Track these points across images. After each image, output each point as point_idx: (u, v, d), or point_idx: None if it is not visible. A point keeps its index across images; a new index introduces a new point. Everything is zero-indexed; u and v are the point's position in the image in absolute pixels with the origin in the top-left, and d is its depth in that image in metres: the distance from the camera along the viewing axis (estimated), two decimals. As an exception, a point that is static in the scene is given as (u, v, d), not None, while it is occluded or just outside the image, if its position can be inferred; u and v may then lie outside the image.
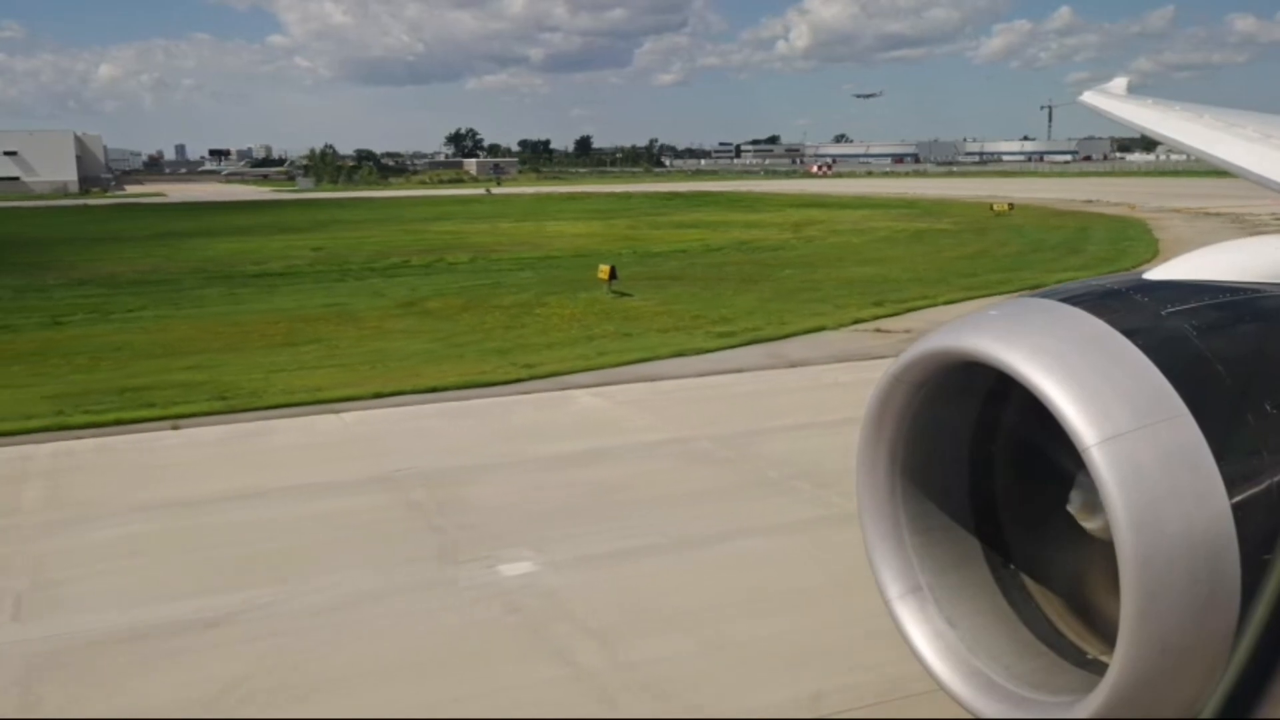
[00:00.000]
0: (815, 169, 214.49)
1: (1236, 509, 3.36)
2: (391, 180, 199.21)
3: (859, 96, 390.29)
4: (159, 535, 12.74)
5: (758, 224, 67.93)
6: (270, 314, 31.76)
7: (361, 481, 14.54)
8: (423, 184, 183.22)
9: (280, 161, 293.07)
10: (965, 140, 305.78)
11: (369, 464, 15.37)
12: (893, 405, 4.13)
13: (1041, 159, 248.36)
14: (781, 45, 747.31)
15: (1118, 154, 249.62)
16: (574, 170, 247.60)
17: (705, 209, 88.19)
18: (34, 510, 13.86)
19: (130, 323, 31.03)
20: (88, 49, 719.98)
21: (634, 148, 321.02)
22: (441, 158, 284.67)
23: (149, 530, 12.91)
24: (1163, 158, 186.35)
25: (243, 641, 9.78)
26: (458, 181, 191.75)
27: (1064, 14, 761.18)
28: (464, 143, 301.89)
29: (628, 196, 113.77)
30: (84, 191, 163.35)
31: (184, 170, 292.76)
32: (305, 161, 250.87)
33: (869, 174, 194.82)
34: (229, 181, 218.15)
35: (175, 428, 17.42)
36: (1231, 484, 3.37)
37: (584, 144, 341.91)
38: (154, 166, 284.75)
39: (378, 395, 19.37)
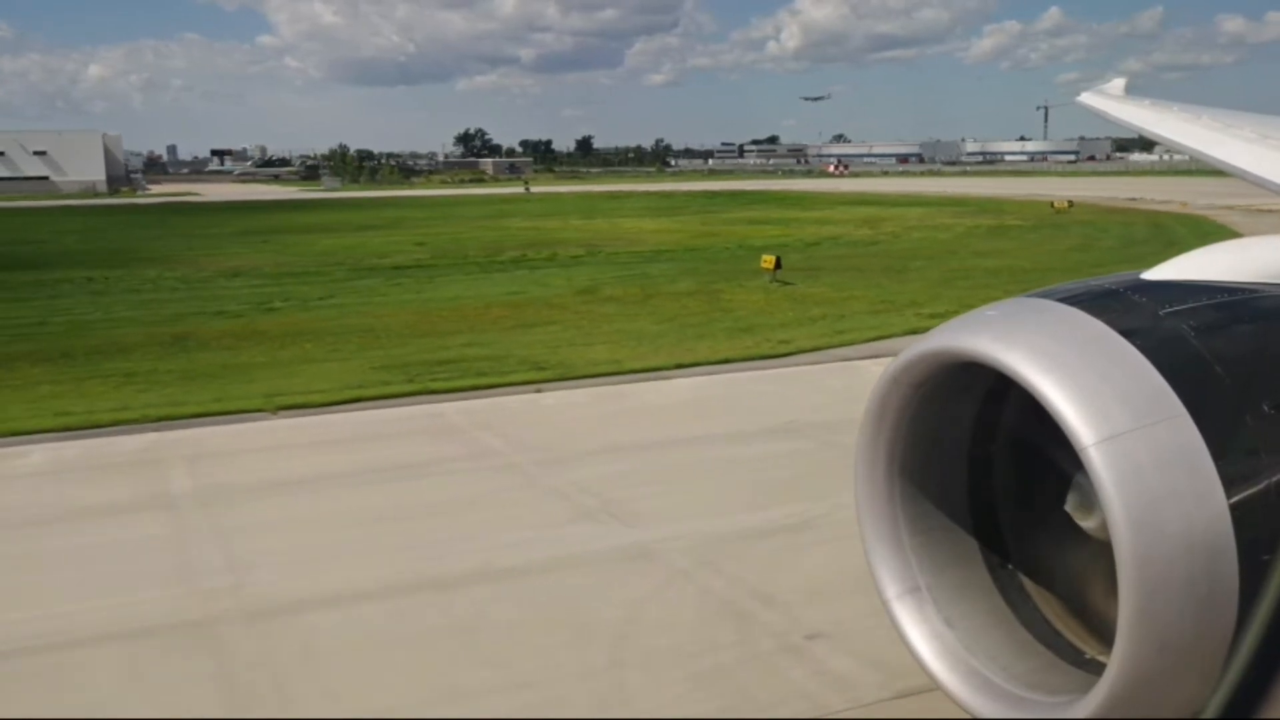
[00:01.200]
0: (831, 168, 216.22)
1: (1235, 509, 3.36)
2: (414, 180, 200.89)
3: (806, 99, 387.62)
4: (660, 468, 13.94)
5: (827, 220, 69.57)
6: (463, 300, 33.52)
7: (774, 429, 15.69)
8: (445, 183, 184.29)
9: (284, 162, 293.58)
10: (963, 140, 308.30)
11: (762, 418, 16.43)
12: (891, 405, 4.14)
13: (1045, 159, 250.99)
14: (772, 46, 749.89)
15: (1118, 154, 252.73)
16: (586, 170, 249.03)
17: (758, 207, 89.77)
18: (515, 452, 14.99)
19: (340, 309, 32.87)
20: (77, 49, 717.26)
21: (639, 148, 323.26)
22: (441, 158, 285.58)
23: (641, 465, 14.12)
24: (1165, 158, 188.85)
25: (833, 540, 10.86)
26: (479, 181, 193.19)
27: (1053, 15, 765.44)
28: (472, 142, 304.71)
29: (669, 196, 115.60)
30: (113, 191, 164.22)
31: (186, 170, 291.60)
32: (311, 161, 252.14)
33: (884, 174, 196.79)
34: (244, 181, 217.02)
35: (539, 390, 18.71)
36: (1230, 484, 3.37)
37: (585, 144, 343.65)
38: (154, 166, 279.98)
39: (680, 366, 20.61)
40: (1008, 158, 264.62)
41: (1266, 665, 1.66)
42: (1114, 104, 10.87)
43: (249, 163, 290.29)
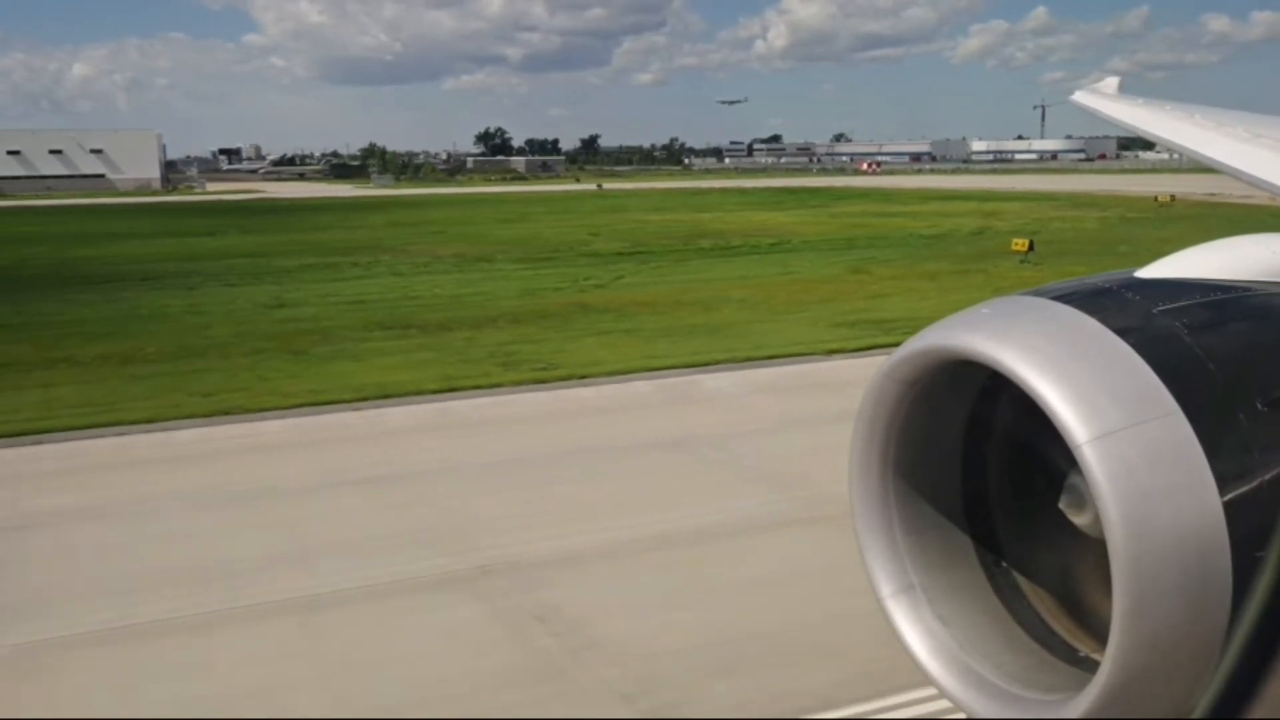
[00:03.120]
0: (865, 166, 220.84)
1: (1228, 507, 3.33)
2: (458, 177, 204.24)
3: (723, 103, 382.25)
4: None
5: (944, 213, 73.60)
6: (757, 279, 38.06)
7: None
8: (488, 181, 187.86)
9: (293, 160, 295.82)
10: (963, 139, 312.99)
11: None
12: (885, 403, 4.08)
13: (1054, 157, 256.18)
14: (760, 45, 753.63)
15: (1124, 153, 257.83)
16: (612, 169, 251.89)
17: (851, 201, 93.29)
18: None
19: (642, 286, 37.27)
20: (60, 48, 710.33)
21: (654, 146, 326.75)
22: (444, 157, 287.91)
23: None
24: (1174, 156, 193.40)
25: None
26: (521, 179, 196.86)
27: (1040, 14, 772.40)
28: (492, 141, 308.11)
29: (745, 192, 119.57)
30: (170, 188, 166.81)
31: (193, 169, 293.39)
32: (337, 160, 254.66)
33: (918, 171, 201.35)
34: (274, 180, 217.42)
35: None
36: (1223, 482, 3.34)
37: (590, 143, 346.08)
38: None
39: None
40: (1017, 156, 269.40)
41: (1258, 663, 1.62)
42: (1108, 103, 10.75)
43: (266, 160, 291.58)
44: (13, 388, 25.06)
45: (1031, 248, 37.38)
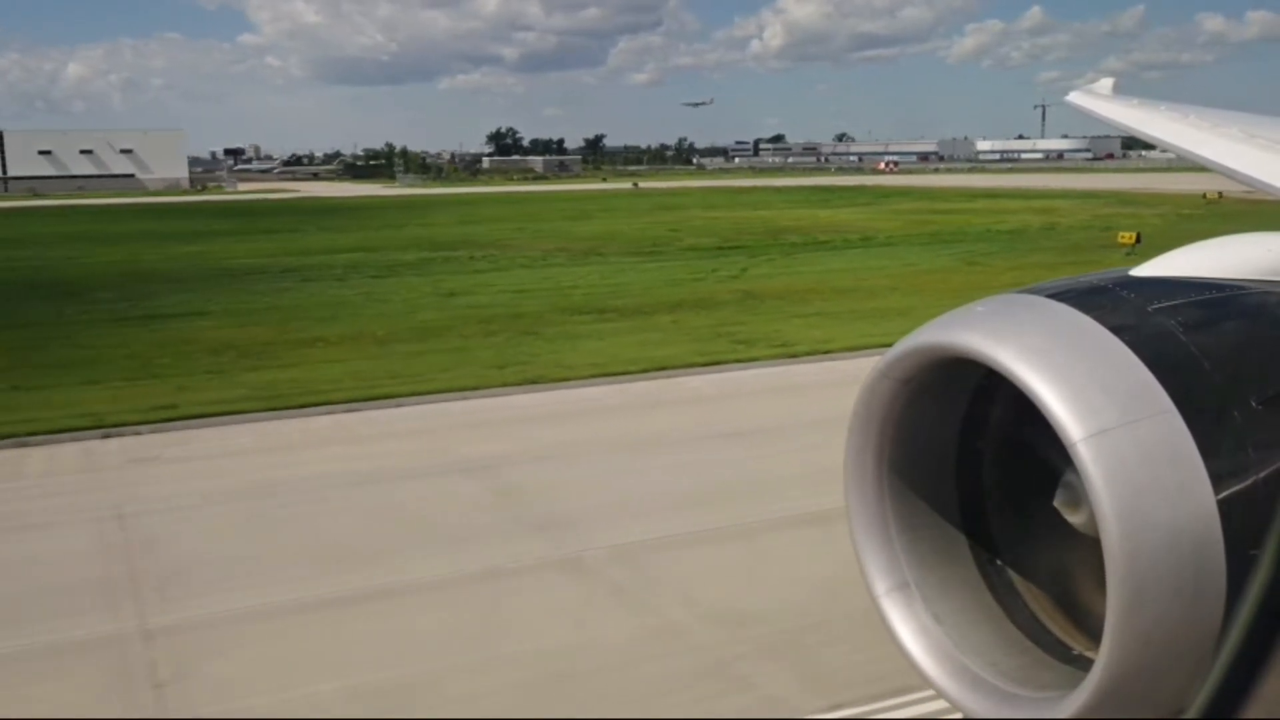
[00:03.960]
0: (882, 166, 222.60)
1: (1222, 504, 3.32)
2: (479, 177, 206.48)
3: (687, 105, 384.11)
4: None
5: (1001, 210, 75.62)
6: (879, 270, 40.38)
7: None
8: (509, 180, 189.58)
9: (300, 160, 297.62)
10: (964, 138, 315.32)
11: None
12: (880, 401, 4.08)
13: (1060, 157, 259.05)
14: (756, 45, 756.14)
15: (1128, 152, 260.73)
16: (623, 168, 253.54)
17: (899, 199, 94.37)
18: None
19: (784, 272, 39.53)
20: (55, 48, 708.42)
21: (663, 146, 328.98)
22: (447, 157, 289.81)
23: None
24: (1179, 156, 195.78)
25: None
26: (542, 179, 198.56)
27: (1035, 14, 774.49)
28: (503, 140, 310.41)
29: (785, 191, 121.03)
30: (199, 188, 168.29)
31: (200, 169, 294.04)
32: (353, 159, 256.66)
33: (935, 171, 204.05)
34: (290, 179, 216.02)
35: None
36: (1217, 480, 3.34)
37: (595, 143, 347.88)
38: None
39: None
40: (1024, 156, 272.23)
41: (1253, 662, 1.62)
42: (1102, 103, 10.81)
43: (278, 161, 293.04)
44: (300, 363, 26.07)
45: (1139, 240, 39.88)
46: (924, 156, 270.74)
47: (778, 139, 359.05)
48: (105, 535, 15.31)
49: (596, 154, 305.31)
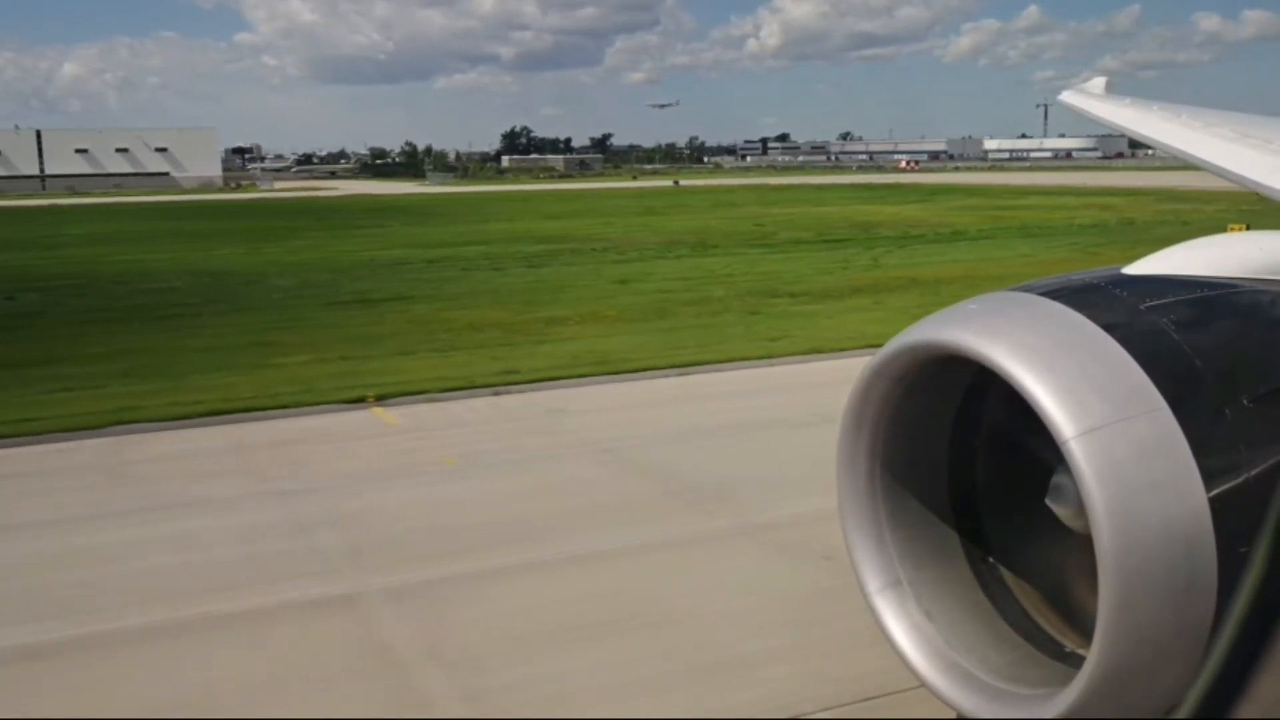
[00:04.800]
0: (904, 164, 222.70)
1: (1214, 502, 3.33)
2: (505, 175, 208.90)
3: (654, 106, 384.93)
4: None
5: (1060, 207, 76.34)
6: (993, 259, 41.83)
7: None
8: (536, 179, 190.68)
9: (309, 159, 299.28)
10: (968, 137, 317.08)
11: None
12: (873, 399, 4.07)
13: (1070, 155, 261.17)
14: (752, 44, 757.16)
15: (1136, 151, 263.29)
16: (639, 167, 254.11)
17: (948, 197, 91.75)
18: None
19: (922, 262, 41.49)
20: (51, 47, 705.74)
21: (673, 145, 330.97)
22: (452, 156, 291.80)
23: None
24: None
25: None
26: (567, 177, 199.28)
27: (1031, 13, 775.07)
28: (518, 140, 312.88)
29: (821, 188, 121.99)
30: (233, 186, 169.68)
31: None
32: (372, 158, 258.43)
33: (955, 169, 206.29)
34: (306, 178, 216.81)
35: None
36: (1209, 477, 3.34)
37: (601, 142, 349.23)
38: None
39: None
40: (1032, 155, 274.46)
41: (1246, 660, 1.60)
42: (1095, 103, 10.85)
43: (292, 159, 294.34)
44: (575, 338, 26.43)
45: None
46: (934, 155, 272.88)
47: (784, 138, 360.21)
48: (607, 463, 15.88)
49: (605, 153, 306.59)
